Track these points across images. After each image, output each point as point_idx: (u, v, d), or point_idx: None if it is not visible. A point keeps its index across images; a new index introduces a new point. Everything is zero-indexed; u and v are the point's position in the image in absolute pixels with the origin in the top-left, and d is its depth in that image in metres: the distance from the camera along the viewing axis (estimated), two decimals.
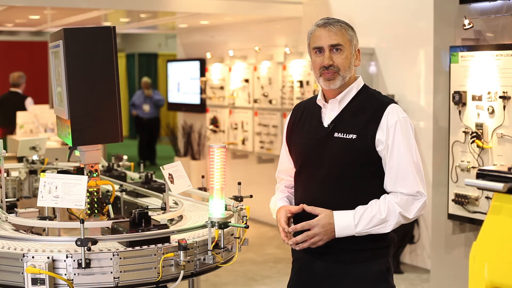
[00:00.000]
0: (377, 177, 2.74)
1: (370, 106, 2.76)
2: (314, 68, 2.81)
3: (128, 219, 2.85)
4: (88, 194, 3.09)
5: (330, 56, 2.75)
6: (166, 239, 2.73)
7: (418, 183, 2.71)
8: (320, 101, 2.86)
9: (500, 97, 4.49)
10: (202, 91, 9.86)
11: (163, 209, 3.21)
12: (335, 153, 2.75)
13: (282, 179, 3.04)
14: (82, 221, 2.56)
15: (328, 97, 2.83)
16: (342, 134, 2.74)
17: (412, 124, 2.78)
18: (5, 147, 3.40)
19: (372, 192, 2.72)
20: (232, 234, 2.92)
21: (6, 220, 3.08)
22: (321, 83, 2.79)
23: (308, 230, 2.70)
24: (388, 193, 2.73)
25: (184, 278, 2.66)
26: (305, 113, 2.92)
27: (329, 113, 2.82)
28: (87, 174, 3.12)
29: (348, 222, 2.66)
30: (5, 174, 4.13)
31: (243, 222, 2.87)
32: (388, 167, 2.70)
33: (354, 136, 2.72)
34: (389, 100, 2.80)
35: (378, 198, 2.71)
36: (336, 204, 2.70)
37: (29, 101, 9.96)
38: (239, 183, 3.29)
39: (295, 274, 2.94)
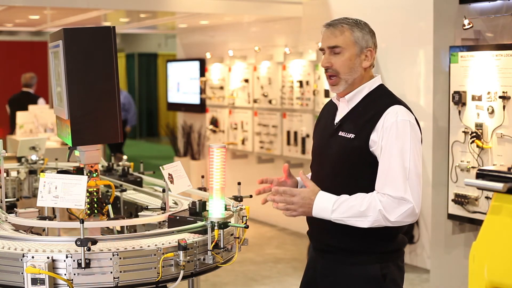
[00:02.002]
0: (374, 178, 2.69)
1: (374, 106, 2.73)
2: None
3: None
4: (87, 194, 3.09)
5: (329, 58, 2.75)
6: (225, 225, 2.78)
7: (405, 189, 2.59)
8: (334, 99, 2.88)
9: (500, 97, 4.49)
10: (202, 91, 9.86)
11: (163, 209, 3.21)
12: (335, 152, 2.76)
13: None
14: (82, 221, 2.56)
15: (340, 96, 2.84)
16: (345, 133, 2.74)
17: (414, 128, 2.69)
18: (4, 147, 3.39)
19: (371, 192, 2.68)
20: (232, 234, 2.92)
21: (6, 220, 3.08)
22: (328, 85, 2.83)
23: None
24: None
25: (184, 278, 2.66)
26: (327, 110, 2.95)
27: (340, 112, 2.83)
28: (86, 174, 3.12)
29: (327, 205, 2.64)
30: (5, 174, 4.13)
31: (242, 222, 2.87)
32: (379, 167, 2.66)
33: (353, 136, 2.71)
34: (395, 101, 2.73)
35: None
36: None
37: (41, 101, 10.27)
38: (239, 183, 3.29)
39: (305, 269, 2.99)
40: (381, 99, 2.76)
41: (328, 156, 2.79)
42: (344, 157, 2.73)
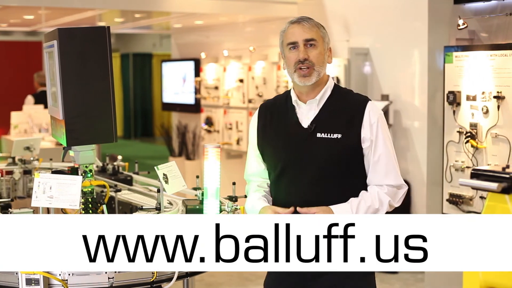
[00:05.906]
0: (363, 174, 2.80)
1: (349, 105, 2.80)
2: (289, 65, 2.80)
3: None
4: (82, 194, 3.08)
5: (305, 51, 2.76)
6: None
7: (400, 176, 2.81)
8: (296, 101, 2.84)
9: (494, 97, 4.50)
10: (197, 91, 9.86)
11: (158, 209, 3.21)
12: (321, 154, 2.74)
13: (251, 180, 2.97)
14: None
15: (301, 96, 2.82)
16: (326, 134, 2.75)
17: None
18: None
19: (360, 189, 2.78)
20: None
21: None
22: (296, 79, 2.78)
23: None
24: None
25: (178, 278, 2.67)
26: (276, 114, 2.88)
27: (306, 114, 2.81)
28: (81, 174, 3.12)
29: (347, 211, 2.70)
30: None
31: None
32: (372, 162, 2.77)
33: (339, 136, 2.73)
34: (366, 97, 2.85)
35: None
36: (328, 204, 2.70)
37: None
38: (234, 183, 3.29)
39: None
40: (350, 97, 2.85)
41: (311, 159, 2.75)
42: (333, 158, 2.74)
